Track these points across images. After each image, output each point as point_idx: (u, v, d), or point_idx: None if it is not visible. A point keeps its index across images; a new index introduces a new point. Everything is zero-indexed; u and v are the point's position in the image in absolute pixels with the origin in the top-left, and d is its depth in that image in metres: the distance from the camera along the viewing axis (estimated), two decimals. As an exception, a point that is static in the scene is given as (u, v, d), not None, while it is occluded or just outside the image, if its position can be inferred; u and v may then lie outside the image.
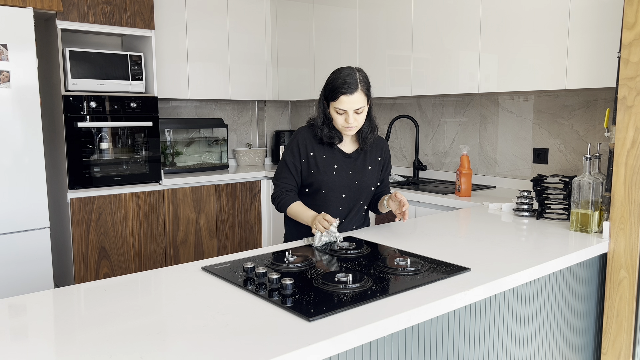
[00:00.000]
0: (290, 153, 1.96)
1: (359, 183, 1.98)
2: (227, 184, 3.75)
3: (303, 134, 1.97)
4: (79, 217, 3.14)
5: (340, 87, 1.80)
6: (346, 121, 1.84)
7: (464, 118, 3.28)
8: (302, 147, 1.95)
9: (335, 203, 1.96)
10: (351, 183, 1.96)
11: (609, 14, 2.23)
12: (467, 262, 1.55)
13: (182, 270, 1.52)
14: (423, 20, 3.04)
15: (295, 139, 1.97)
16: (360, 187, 1.98)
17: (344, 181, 1.95)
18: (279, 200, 1.96)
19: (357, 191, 1.98)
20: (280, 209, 1.97)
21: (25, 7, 2.76)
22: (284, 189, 1.97)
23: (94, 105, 3.18)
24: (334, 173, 1.94)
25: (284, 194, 1.95)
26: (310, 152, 1.94)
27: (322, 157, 1.94)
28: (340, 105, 1.82)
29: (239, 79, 4.07)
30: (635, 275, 1.83)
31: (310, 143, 1.95)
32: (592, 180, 1.89)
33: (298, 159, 1.95)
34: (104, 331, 1.09)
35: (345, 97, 1.80)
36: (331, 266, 1.55)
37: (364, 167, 1.99)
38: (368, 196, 2.03)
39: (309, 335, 1.07)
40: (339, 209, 1.97)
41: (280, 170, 1.99)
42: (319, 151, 1.95)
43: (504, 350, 1.57)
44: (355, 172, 1.97)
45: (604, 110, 2.60)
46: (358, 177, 1.97)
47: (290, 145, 1.98)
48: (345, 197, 1.97)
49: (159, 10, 3.59)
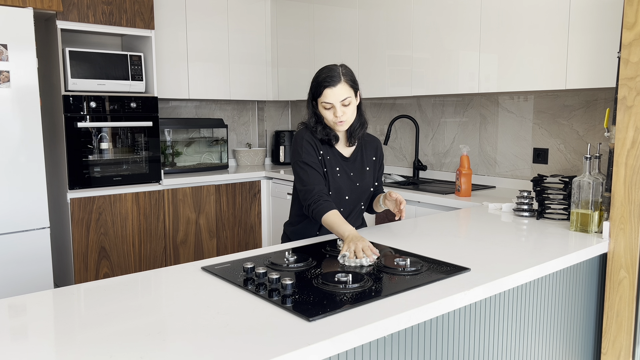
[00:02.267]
0: (307, 153, 1.87)
1: (360, 185, 1.98)
2: (227, 184, 3.75)
3: (307, 134, 1.91)
4: (79, 217, 3.14)
5: (323, 81, 1.81)
6: (335, 115, 1.82)
7: (464, 118, 3.28)
8: (313, 145, 1.89)
9: (339, 205, 1.95)
10: (353, 185, 1.96)
11: (609, 14, 2.23)
12: (467, 262, 1.55)
13: (182, 270, 1.51)
14: (423, 20, 3.04)
15: (303, 139, 1.90)
16: (361, 188, 1.98)
17: (347, 183, 1.94)
18: (314, 208, 1.79)
19: (358, 193, 1.98)
20: (316, 217, 1.79)
21: (25, 7, 2.76)
22: (319, 193, 1.81)
23: (94, 105, 3.18)
24: (338, 175, 1.93)
25: (320, 200, 1.79)
26: (320, 151, 1.90)
27: (327, 159, 1.91)
28: (325, 99, 1.81)
29: (239, 79, 4.07)
30: (635, 275, 1.83)
31: (316, 142, 1.90)
32: (592, 180, 1.89)
33: (316, 156, 1.87)
34: (104, 331, 1.09)
35: (329, 90, 1.80)
36: (331, 266, 1.55)
37: (362, 168, 1.99)
38: (368, 197, 2.03)
39: (309, 335, 1.06)
40: (340, 210, 1.95)
41: (304, 174, 1.86)
42: (325, 152, 1.91)
43: (504, 350, 1.57)
44: (356, 174, 1.97)
45: (604, 110, 2.60)
46: (359, 179, 1.97)
47: (301, 145, 1.88)
48: (348, 199, 1.96)
49: (159, 10, 3.59)
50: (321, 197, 1.81)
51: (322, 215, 1.76)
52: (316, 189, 1.83)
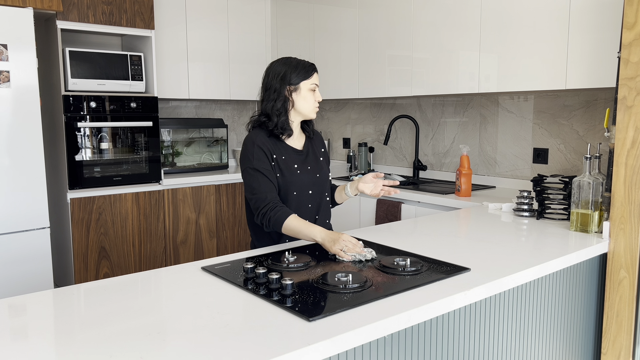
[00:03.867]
0: (257, 159, 1.79)
1: (320, 176, 1.95)
2: (227, 184, 3.75)
3: (259, 138, 1.84)
4: (79, 217, 3.14)
5: (309, 65, 1.89)
6: (318, 96, 1.90)
7: (464, 118, 3.28)
8: (265, 150, 1.82)
9: (305, 202, 1.90)
10: (313, 178, 1.93)
11: (609, 14, 2.23)
12: (467, 262, 1.55)
13: (182, 270, 1.51)
14: (423, 20, 3.04)
15: (254, 144, 1.82)
16: (321, 179, 1.95)
17: (307, 177, 1.90)
18: (270, 216, 1.72)
19: (320, 185, 1.95)
20: (274, 226, 1.72)
21: (25, 7, 2.76)
22: (273, 200, 1.75)
23: (94, 105, 3.18)
24: (298, 172, 1.87)
25: (274, 208, 1.73)
26: (274, 155, 1.84)
27: (282, 159, 1.85)
28: (315, 80, 1.89)
29: (239, 79, 4.07)
30: (635, 275, 1.83)
31: (268, 146, 1.83)
32: (592, 180, 1.89)
33: (268, 162, 1.81)
34: (104, 331, 1.09)
35: (315, 73, 1.90)
36: (331, 266, 1.54)
37: (316, 159, 1.97)
38: (328, 188, 2.01)
39: (309, 335, 1.06)
40: (309, 206, 1.91)
41: (254, 182, 1.78)
42: (278, 153, 1.85)
43: (504, 350, 1.57)
44: (313, 166, 1.94)
45: (604, 110, 2.60)
46: (317, 171, 1.95)
47: (251, 151, 1.81)
48: (312, 193, 1.92)
49: (159, 10, 3.59)
50: (276, 204, 1.73)
51: (281, 222, 1.69)
52: (269, 196, 1.75)
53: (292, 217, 1.70)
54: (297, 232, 1.69)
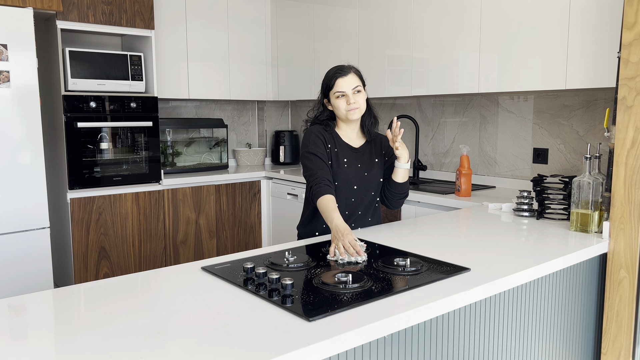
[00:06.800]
0: (314, 144, 1.97)
1: (369, 175, 2.05)
2: (227, 184, 3.75)
3: (317, 129, 2.02)
4: (79, 217, 3.14)
5: (334, 74, 1.96)
6: (347, 103, 1.93)
7: (464, 118, 3.28)
8: (321, 138, 1.99)
9: (349, 195, 2.02)
10: (361, 175, 2.03)
11: (609, 14, 2.23)
12: (467, 262, 1.55)
13: (182, 270, 1.51)
14: (423, 20, 3.04)
15: (312, 133, 2.01)
16: (369, 178, 2.05)
17: (355, 172, 2.02)
18: (314, 189, 1.88)
19: (367, 183, 2.04)
20: (314, 198, 1.89)
21: (25, 7, 2.76)
22: (322, 177, 1.90)
23: (93, 105, 3.18)
24: (345, 166, 2.01)
25: (321, 183, 1.88)
26: (328, 145, 2.00)
27: (335, 151, 2.01)
28: (338, 87, 1.93)
29: (239, 79, 4.07)
30: (635, 275, 1.83)
31: (325, 137, 2.00)
32: (592, 180, 1.89)
33: (323, 147, 1.98)
34: (104, 331, 1.09)
35: (340, 79, 1.93)
36: (331, 266, 1.55)
37: (371, 159, 2.07)
38: (378, 187, 2.08)
39: (309, 335, 1.06)
40: (352, 200, 2.02)
41: (309, 162, 1.96)
42: (333, 145, 2.01)
43: (504, 350, 1.57)
44: (364, 164, 2.05)
45: (604, 110, 2.60)
46: (367, 169, 2.05)
47: (310, 138, 1.99)
48: (357, 188, 2.03)
49: (159, 10, 3.59)
50: (322, 180, 1.89)
51: (318, 197, 1.85)
52: (319, 173, 1.92)
53: (327, 196, 1.84)
54: (323, 212, 1.82)
